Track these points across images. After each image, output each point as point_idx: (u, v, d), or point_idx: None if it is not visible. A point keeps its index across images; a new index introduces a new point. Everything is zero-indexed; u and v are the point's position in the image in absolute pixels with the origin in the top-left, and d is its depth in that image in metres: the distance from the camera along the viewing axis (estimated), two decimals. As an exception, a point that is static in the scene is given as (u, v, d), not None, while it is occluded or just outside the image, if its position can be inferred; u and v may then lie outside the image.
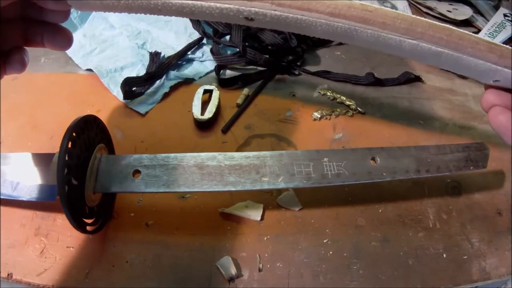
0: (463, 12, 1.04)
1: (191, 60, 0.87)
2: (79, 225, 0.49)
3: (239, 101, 0.77)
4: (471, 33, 0.45)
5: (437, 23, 0.45)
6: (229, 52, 0.87)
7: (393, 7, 1.09)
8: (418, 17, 0.45)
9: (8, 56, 0.44)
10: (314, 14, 0.42)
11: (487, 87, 0.50)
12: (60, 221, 0.57)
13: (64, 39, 0.45)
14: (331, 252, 0.57)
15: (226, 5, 0.41)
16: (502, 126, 0.46)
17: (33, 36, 0.45)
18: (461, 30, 0.45)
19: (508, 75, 0.47)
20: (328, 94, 0.79)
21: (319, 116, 0.75)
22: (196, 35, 0.90)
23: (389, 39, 0.44)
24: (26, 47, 0.46)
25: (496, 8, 1.05)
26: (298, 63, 0.88)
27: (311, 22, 0.43)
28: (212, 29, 0.90)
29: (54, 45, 0.45)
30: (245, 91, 0.79)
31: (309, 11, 0.42)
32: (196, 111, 0.72)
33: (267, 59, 0.83)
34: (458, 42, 0.45)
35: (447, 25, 0.45)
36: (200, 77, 0.83)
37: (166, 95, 0.78)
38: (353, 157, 0.56)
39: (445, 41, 0.45)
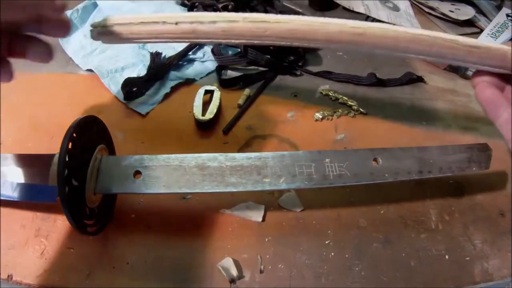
0: (466, 12, 1.04)
1: (192, 61, 0.87)
2: (80, 227, 0.49)
3: (240, 101, 0.76)
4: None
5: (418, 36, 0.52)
6: (230, 52, 0.87)
7: (395, 7, 1.09)
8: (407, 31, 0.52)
9: None
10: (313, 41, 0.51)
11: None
12: (61, 223, 0.57)
13: (46, 52, 0.46)
14: (332, 254, 0.56)
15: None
16: (487, 100, 0.50)
17: (16, 48, 0.45)
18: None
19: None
20: (330, 94, 0.79)
21: (320, 116, 0.74)
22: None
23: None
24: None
25: (498, 8, 1.05)
26: (300, 64, 0.88)
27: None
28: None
29: (36, 58, 0.46)
30: (246, 91, 0.78)
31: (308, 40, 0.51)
32: (197, 111, 0.71)
33: (268, 60, 0.82)
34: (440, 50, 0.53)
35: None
36: (201, 78, 0.83)
37: (167, 96, 0.78)
38: (355, 158, 0.56)
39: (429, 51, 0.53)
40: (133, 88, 0.75)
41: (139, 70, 0.82)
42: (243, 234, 0.58)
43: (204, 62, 0.87)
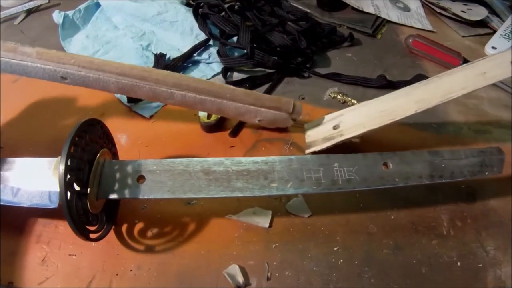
0: (478, 12, 1.03)
1: (197, 62, 0.86)
2: (82, 232, 0.48)
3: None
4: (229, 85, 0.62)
5: (202, 80, 0.62)
6: (236, 53, 0.87)
7: (406, 7, 1.08)
8: (184, 75, 0.63)
9: None
10: (107, 74, 0.58)
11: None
12: (62, 228, 0.57)
13: None
14: (341, 260, 0.55)
15: (47, 66, 0.58)
16: None
17: None
18: (221, 83, 0.63)
19: (267, 113, 0.62)
20: (339, 97, 0.78)
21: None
22: (202, 36, 0.89)
23: (162, 91, 0.59)
24: None
25: (512, 8, 1.04)
26: (308, 65, 0.87)
27: (106, 80, 0.58)
28: (219, 30, 0.89)
29: None
30: (253, 94, 0.77)
31: (104, 71, 0.58)
32: (203, 114, 0.71)
33: (275, 61, 0.82)
34: (218, 91, 0.60)
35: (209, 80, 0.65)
36: (207, 79, 0.82)
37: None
38: (365, 162, 0.55)
39: (207, 90, 0.60)
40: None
41: (143, 72, 0.81)
42: (249, 240, 0.57)
43: (209, 63, 0.86)
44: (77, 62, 0.57)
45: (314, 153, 0.65)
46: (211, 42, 0.89)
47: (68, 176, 0.45)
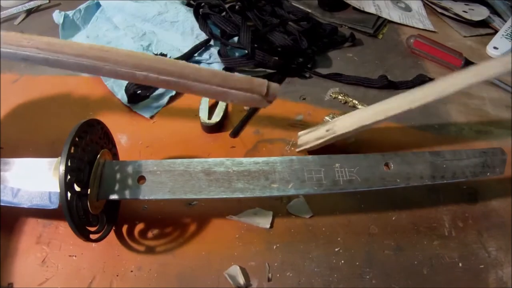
0: (480, 12, 1.03)
1: (198, 62, 0.86)
2: (82, 233, 0.48)
3: (247, 104, 0.75)
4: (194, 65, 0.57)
5: (164, 58, 0.58)
6: (237, 54, 0.86)
7: (407, 7, 1.08)
8: (147, 54, 0.60)
9: None
10: (66, 56, 0.54)
11: None
12: (63, 229, 0.57)
13: None
14: (342, 261, 0.55)
15: (8, 50, 0.55)
16: None
17: None
18: (185, 62, 0.57)
19: (238, 95, 0.57)
20: (340, 97, 0.78)
21: (330, 120, 0.73)
22: (203, 36, 0.88)
23: (124, 72, 0.55)
24: None
25: (513, 8, 1.04)
26: (309, 65, 0.87)
27: (65, 61, 0.54)
28: (219, 30, 0.88)
29: None
30: (254, 94, 0.77)
31: (62, 53, 0.54)
32: (203, 115, 0.71)
33: (276, 61, 0.81)
34: (180, 72, 0.56)
35: (173, 59, 0.58)
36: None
37: (172, 99, 0.78)
38: (366, 162, 0.55)
39: (168, 71, 0.55)
40: (137, 91, 0.74)
41: (144, 72, 0.81)
42: (250, 241, 0.57)
43: (210, 64, 0.86)
44: (35, 44, 0.55)
45: (311, 153, 0.65)
46: (212, 42, 0.89)
47: (69, 177, 0.45)
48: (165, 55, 0.82)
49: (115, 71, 0.55)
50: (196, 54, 0.86)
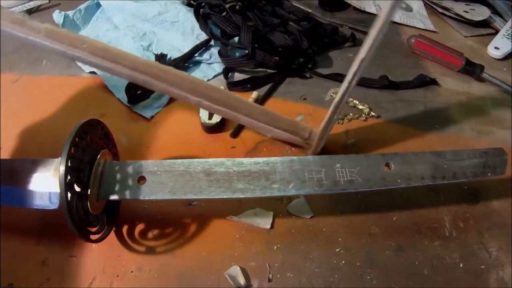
0: (481, 12, 1.03)
1: (198, 63, 0.86)
2: (82, 234, 0.48)
3: (248, 104, 0.75)
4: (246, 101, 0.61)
5: (219, 89, 0.60)
6: (237, 54, 0.86)
7: (408, 7, 1.08)
8: (201, 81, 0.59)
9: None
10: (120, 67, 0.56)
11: None
12: (63, 230, 0.56)
13: None
14: (343, 262, 0.55)
15: (57, 47, 0.55)
16: None
17: None
18: (239, 97, 0.60)
19: (281, 134, 0.62)
20: (340, 97, 0.78)
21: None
22: (203, 36, 0.88)
23: (176, 93, 0.57)
24: None
25: (514, 8, 1.04)
26: (309, 66, 0.87)
27: (119, 71, 0.56)
28: (220, 30, 0.88)
29: None
30: (254, 94, 0.77)
31: (117, 63, 0.55)
32: (204, 115, 0.70)
33: (277, 62, 0.81)
34: (234, 104, 0.59)
35: (226, 90, 0.61)
36: (208, 80, 0.82)
37: (172, 99, 0.77)
38: (367, 163, 0.55)
39: (223, 102, 0.58)
40: (137, 91, 0.74)
41: (144, 72, 0.81)
42: (251, 242, 0.57)
43: (210, 64, 0.86)
44: (89, 48, 0.55)
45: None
46: (212, 43, 0.89)
47: (69, 177, 0.45)
48: (165, 55, 0.82)
49: (167, 91, 0.57)
50: (196, 54, 0.86)
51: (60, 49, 0.55)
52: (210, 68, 0.85)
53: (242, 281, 0.52)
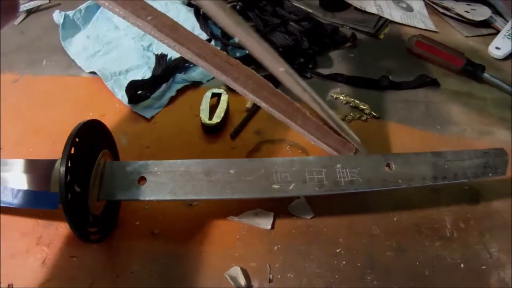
0: (482, 12, 1.03)
1: (198, 63, 0.86)
2: (82, 234, 0.48)
3: (249, 105, 0.75)
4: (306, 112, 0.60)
5: (281, 93, 0.59)
6: (238, 54, 0.86)
7: (409, 7, 1.08)
8: (266, 83, 0.58)
9: None
10: (185, 49, 0.52)
11: None
12: (63, 230, 0.56)
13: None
14: (344, 262, 0.55)
15: (117, 10, 0.53)
16: None
17: None
18: (300, 106, 0.59)
19: (324, 147, 0.60)
20: (341, 98, 0.78)
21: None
22: (204, 36, 0.88)
23: (238, 88, 0.56)
24: None
25: (515, 8, 1.04)
26: (310, 66, 0.87)
27: (182, 52, 0.52)
28: (220, 30, 0.88)
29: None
30: (255, 94, 0.77)
31: (182, 45, 0.52)
32: (204, 115, 0.70)
33: (277, 62, 0.81)
34: (292, 113, 0.58)
35: (289, 98, 0.59)
36: (208, 80, 0.82)
37: (172, 99, 0.77)
38: (367, 163, 0.55)
39: (282, 109, 0.58)
40: (137, 91, 0.74)
41: (144, 72, 0.81)
42: (251, 242, 0.57)
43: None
44: (154, 22, 0.51)
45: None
46: (212, 43, 0.88)
47: (69, 178, 0.45)
48: (165, 55, 0.82)
49: (229, 84, 0.56)
50: (197, 54, 0.86)
51: (121, 13, 0.53)
52: (210, 68, 0.85)
53: (242, 281, 0.52)
